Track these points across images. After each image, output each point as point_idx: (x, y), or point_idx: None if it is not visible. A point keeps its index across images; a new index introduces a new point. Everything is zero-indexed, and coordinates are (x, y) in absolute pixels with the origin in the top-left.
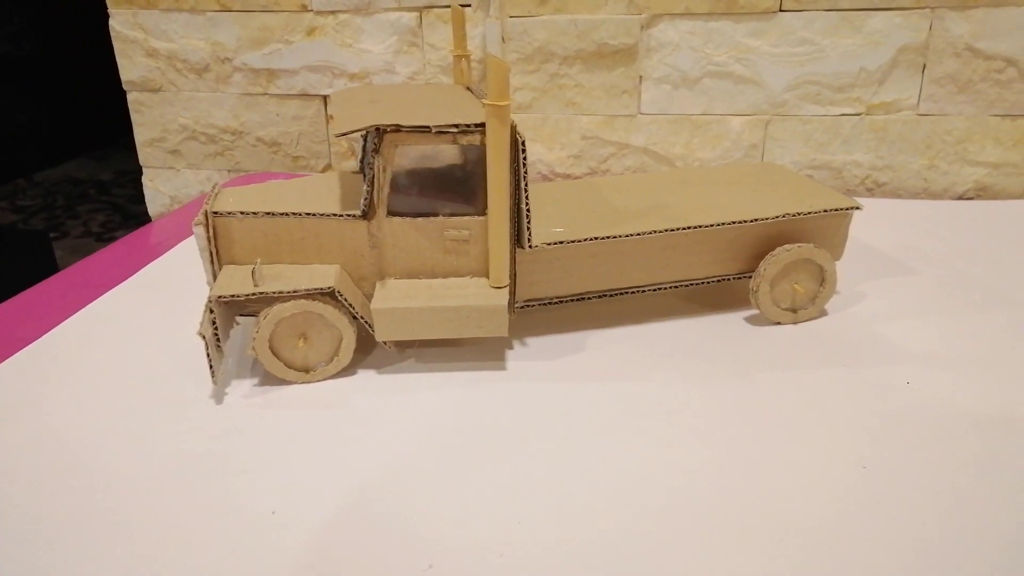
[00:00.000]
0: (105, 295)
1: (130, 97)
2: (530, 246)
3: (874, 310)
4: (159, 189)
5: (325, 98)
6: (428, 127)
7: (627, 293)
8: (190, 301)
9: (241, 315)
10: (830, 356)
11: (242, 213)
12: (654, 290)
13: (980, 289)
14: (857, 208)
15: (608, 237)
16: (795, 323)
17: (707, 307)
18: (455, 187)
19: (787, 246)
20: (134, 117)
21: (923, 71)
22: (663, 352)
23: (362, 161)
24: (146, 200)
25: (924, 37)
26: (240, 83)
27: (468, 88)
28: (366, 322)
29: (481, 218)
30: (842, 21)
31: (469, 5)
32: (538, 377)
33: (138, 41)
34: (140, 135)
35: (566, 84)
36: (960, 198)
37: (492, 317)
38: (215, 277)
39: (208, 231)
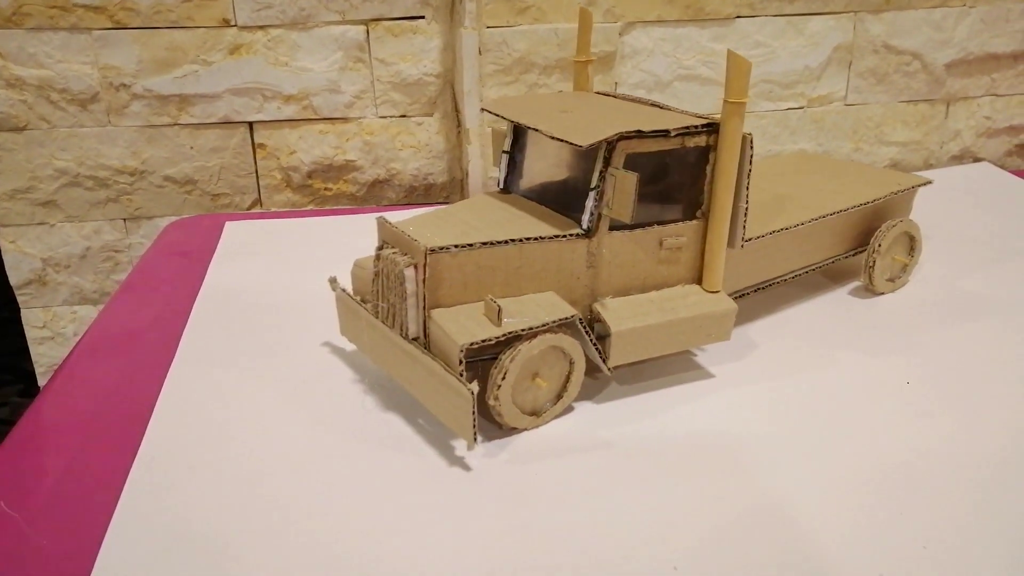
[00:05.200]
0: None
1: None
2: (743, 244)
3: (940, 271)
4: (25, 251)
5: (251, 124)
6: (667, 131)
7: (773, 284)
8: (279, 360)
9: None
10: (955, 314)
11: (456, 247)
12: (792, 277)
13: (985, 245)
14: (929, 183)
15: (784, 228)
16: (893, 291)
17: (806, 288)
18: (666, 193)
19: (891, 222)
20: None
21: (849, 67)
22: (826, 336)
23: (506, 179)
24: (5, 267)
25: (851, 37)
26: (141, 113)
27: (604, 93)
28: (597, 348)
29: (696, 222)
30: (788, 25)
31: (423, 17)
32: (752, 379)
33: None
34: None
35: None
36: None
37: (722, 323)
38: (423, 325)
39: (422, 273)
